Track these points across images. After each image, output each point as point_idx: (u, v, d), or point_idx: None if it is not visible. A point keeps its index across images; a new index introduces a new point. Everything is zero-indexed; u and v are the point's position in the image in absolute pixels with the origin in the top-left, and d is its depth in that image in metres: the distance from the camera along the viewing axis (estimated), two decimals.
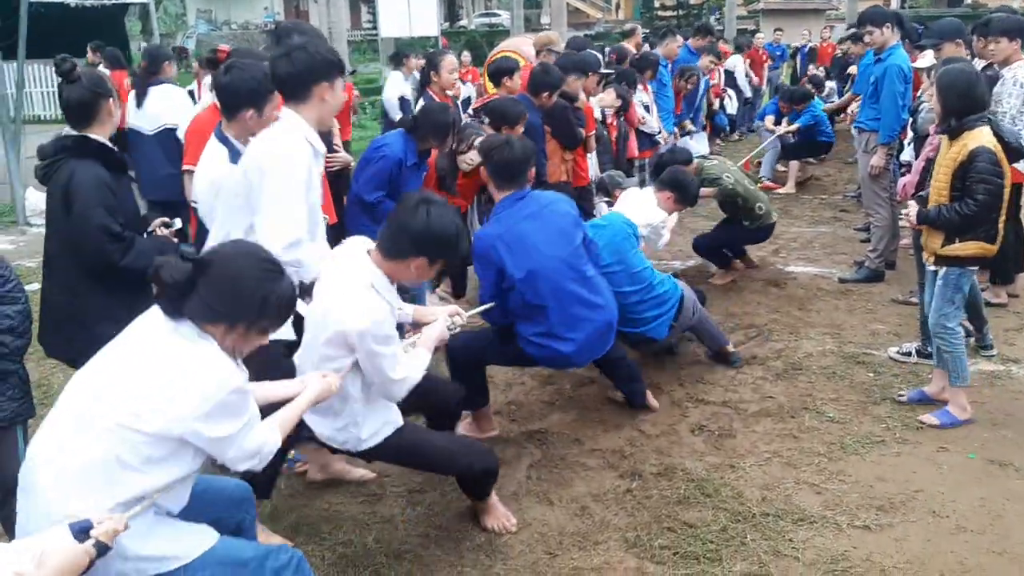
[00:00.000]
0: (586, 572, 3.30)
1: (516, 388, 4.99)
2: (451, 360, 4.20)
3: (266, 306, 2.38)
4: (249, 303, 2.36)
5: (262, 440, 2.47)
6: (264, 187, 3.09)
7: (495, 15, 42.89)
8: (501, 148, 4.09)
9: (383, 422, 3.23)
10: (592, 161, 6.80)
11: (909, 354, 5.11)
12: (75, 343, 3.37)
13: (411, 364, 3.17)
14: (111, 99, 3.50)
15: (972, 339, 5.12)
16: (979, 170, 4.06)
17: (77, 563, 2.02)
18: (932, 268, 4.38)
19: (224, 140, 3.51)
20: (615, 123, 7.60)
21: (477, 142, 5.16)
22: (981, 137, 4.09)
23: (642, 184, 7.31)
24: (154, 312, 2.40)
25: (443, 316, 3.49)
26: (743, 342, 5.51)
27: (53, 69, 3.88)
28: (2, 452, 3.05)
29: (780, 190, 10.15)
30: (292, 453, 3.89)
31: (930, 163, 4.81)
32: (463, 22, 44.89)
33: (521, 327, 4.08)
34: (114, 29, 21.88)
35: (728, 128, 13.43)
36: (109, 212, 3.35)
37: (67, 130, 3.59)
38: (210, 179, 3.45)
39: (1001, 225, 4.21)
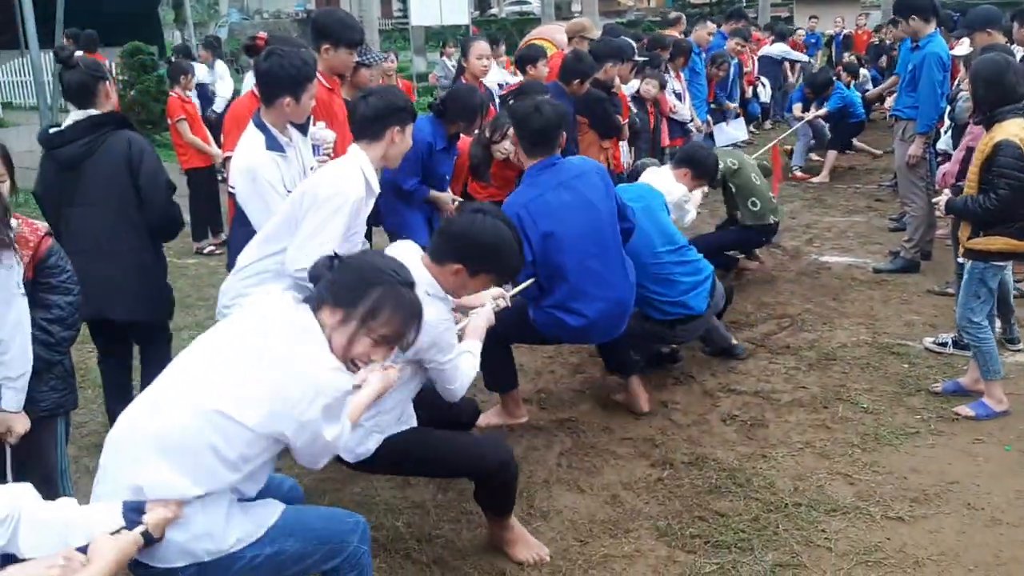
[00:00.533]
0: (616, 560, 3.31)
1: (546, 376, 5.00)
2: None
3: (377, 309, 2.38)
4: (361, 297, 2.37)
5: (339, 436, 2.43)
6: (310, 216, 3.19)
7: (526, 3, 42.67)
8: (531, 113, 4.01)
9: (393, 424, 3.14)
10: (624, 149, 6.77)
11: (945, 344, 5.05)
12: (161, 301, 4.05)
13: (466, 359, 3.17)
14: (107, 81, 3.85)
15: (998, 331, 5.05)
16: (1001, 164, 3.98)
17: (127, 554, 2.04)
18: (960, 260, 4.33)
19: (262, 127, 3.53)
20: (653, 111, 7.57)
21: (511, 131, 5.15)
22: (1008, 130, 4.01)
23: None
24: (277, 294, 2.47)
25: (489, 300, 3.46)
26: (775, 332, 5.47)
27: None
28: (42, 442, 3.08)
29: (814, 180, 10.05)
30: None
31: (970, 152, 4.75)
32: (494, 10, 44.79)
33: (541, 297, 4.03)
34: (148, 18, 22.12)
35: (760, 116, 13.31)
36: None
37: (73, 114, 3.82)
38: (247, 166, 3.48)
39: None
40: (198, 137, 8.02)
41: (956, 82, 6.36)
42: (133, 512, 2.10)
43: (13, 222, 2.97)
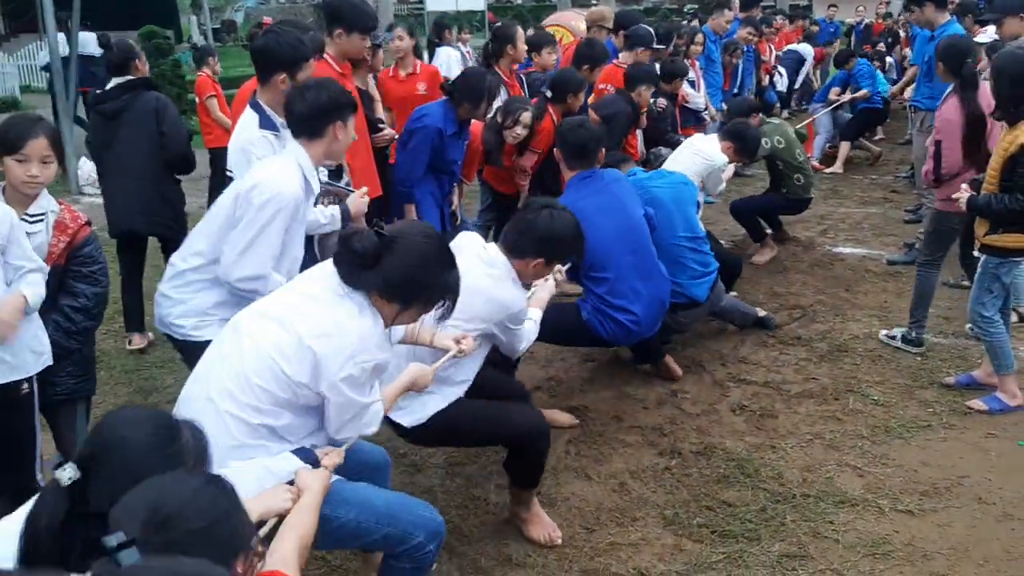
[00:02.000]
0: (623, 548, 3.31)
1: (556, 364, 4.99)
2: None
3: (438, 294, 2.50)
4: (427, 288, 2.47)
5: (375, 414, 2.55)
6: (246, 223, 3.04)
7: None
8: (575, 129, 4.34)
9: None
10: (639, 137, 6.73)
11: (894, 338, 5.07)
12: (176, 222, 5.14)
13: (529, 325, 3.38)
14: (137, 58, 5.32)
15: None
16: None
17: (328, 485, 2.28)
18: (976, 254, 4.28)
19: (256, 106, 3.52)
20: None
21: (524, 117, 5.14)
22: None
23: None
24: (328, 271, 2.48)
25: (551, 275, 3.58)
26: (787, 323, 5.44)
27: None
28: (61, 424, 3.14)
29: (827, 170, 9.96)
30: None
31: (939, 146, 4.70)
32: None
33: (588, 299, 4.24)
34: (165, 2, 22.17)
35: (779, 105, 13.20)
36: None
37: (113, 80, 5.20)
38: (241, 145, 3.47)
39: None
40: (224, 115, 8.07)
41: (977, 70, 6.28)
42: (309, 460, 2.32)
43: (56, 207, 3.00)
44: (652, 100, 6.57)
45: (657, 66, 7.06)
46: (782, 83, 12.72)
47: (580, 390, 4.66)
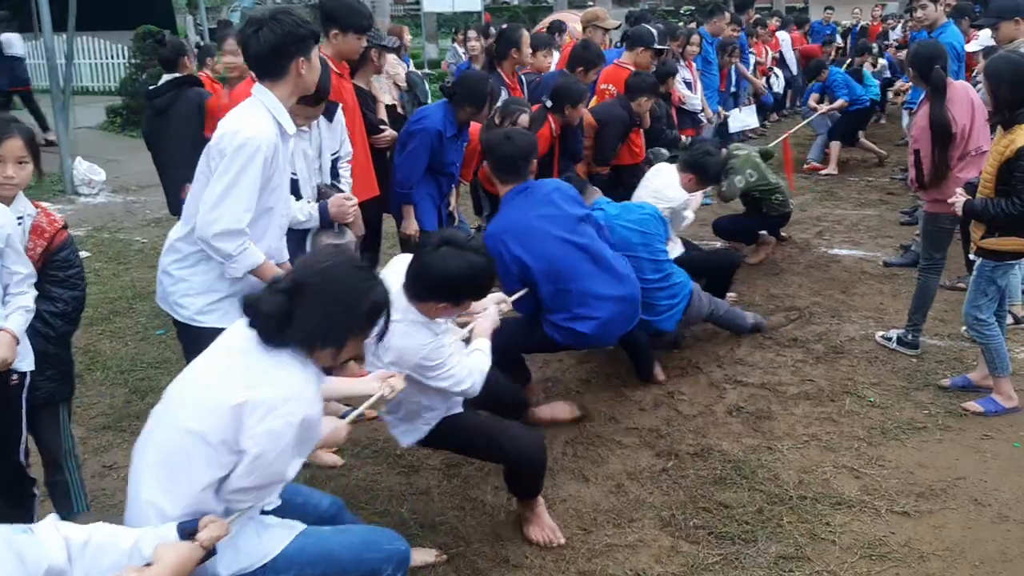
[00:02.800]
0: (620, 549, 3.31)
1: (554, 365, 4.99)
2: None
3: (367, 317, 2.35)
4: (351, 319, 2.31)
5: (279, 486, 2.38)
6: (219, 172, 2.93)
7: None
8: (502, 143, 4.10)
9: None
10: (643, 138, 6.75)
11: (890, 339, 5.07)
12: None
13: (476, 357, 3.23)
14: (185, 56, 5.83)
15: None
16: None
17: (191, 559, 2.05)
18: (972, 257, 4.29)
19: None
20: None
21: (522, 119, 5.14)
22: None
23: None
24: (248, 332, 2.30)
25: (492, 305, 3.52)
26: (783, 324, 5.45)
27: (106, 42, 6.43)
28: (44, 426, 3.14)
29: (823, 171, 9.99)
30: None
31: (916, 153, 4.71)
32: None
33: (547, 314, 4.10)
34: (160, 2, 22.12)
35: (774, 106, 13.23)
36: None
37: (164, 77, 5.77)
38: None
39: None
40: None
41: (972, 74, 6.31)
42: (186, 534, 2.09)
43: (33, 210, 2.98)
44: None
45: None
46: (778, 84, 12.76)
47: (577, 391, 4.66)
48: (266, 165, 2.96)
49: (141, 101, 13.97)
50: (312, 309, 2.25)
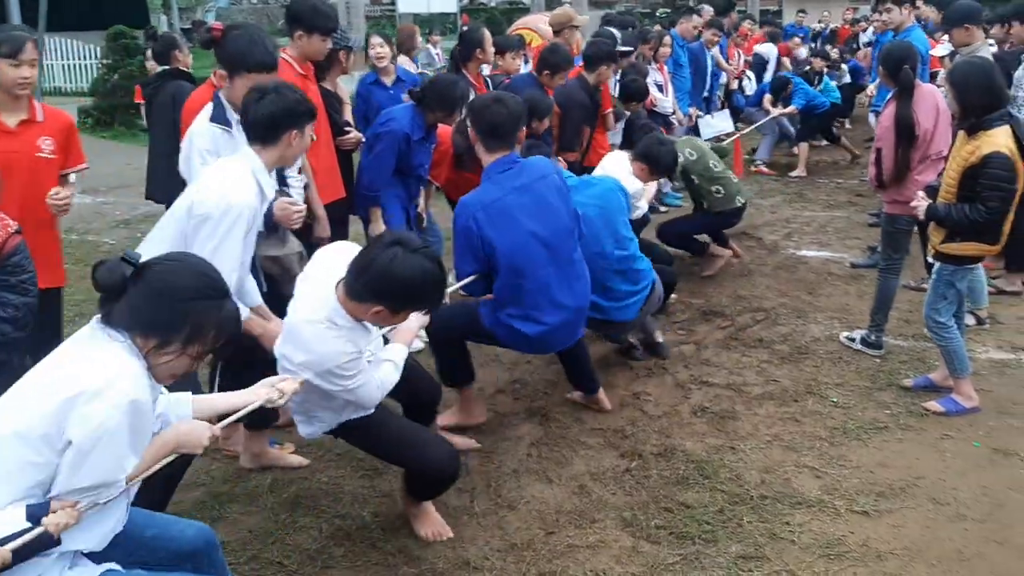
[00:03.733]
0: (581, 550, 3.31)
1: (522, 367, 4.99)
2: (431, 335, 4.08)
3: (199, 330, 2.15)
4: (179, 321, 2.13)
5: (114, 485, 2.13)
6: (203, 236, 3.01)
7: None
8: (491, 106, 3.85)
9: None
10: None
11: (853, 340, 5.10)
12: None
13: (386, 370, 3.10)
14: (177, 49, 6.01)
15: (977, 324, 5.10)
16: (993, 177, 3.92)
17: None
18: (931, 260, 4.34)
19: (216, 99, 3.58)
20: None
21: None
22: (997, 140, 3.93)
23: None
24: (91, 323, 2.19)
25: (418, 314, 3.22)
26: (750, 325, 5.48)
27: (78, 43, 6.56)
28: None
29: (792, 174, 10.06)
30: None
31: (879, 153, 4.77)
32: None
33: (497, 307, 3.93)
34: (135, 2, 21.94)
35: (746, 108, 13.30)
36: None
37: (158, 70, 6.17)
38: (188, 133, 3.55)
39: (1006, 225, 4.08)
40: None
41: (936, 79, 6.39)
42: (33, 518, 1.98)
43: None
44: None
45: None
46: (750, 87, 12.82)
47: (544, 392, 4.67)
48: (247, 229, 3.10)
49: (113, 101, 14.01)
50: (144, 289, 2.13)
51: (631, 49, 7.57)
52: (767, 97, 10.30)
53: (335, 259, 3.00)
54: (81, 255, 7.42)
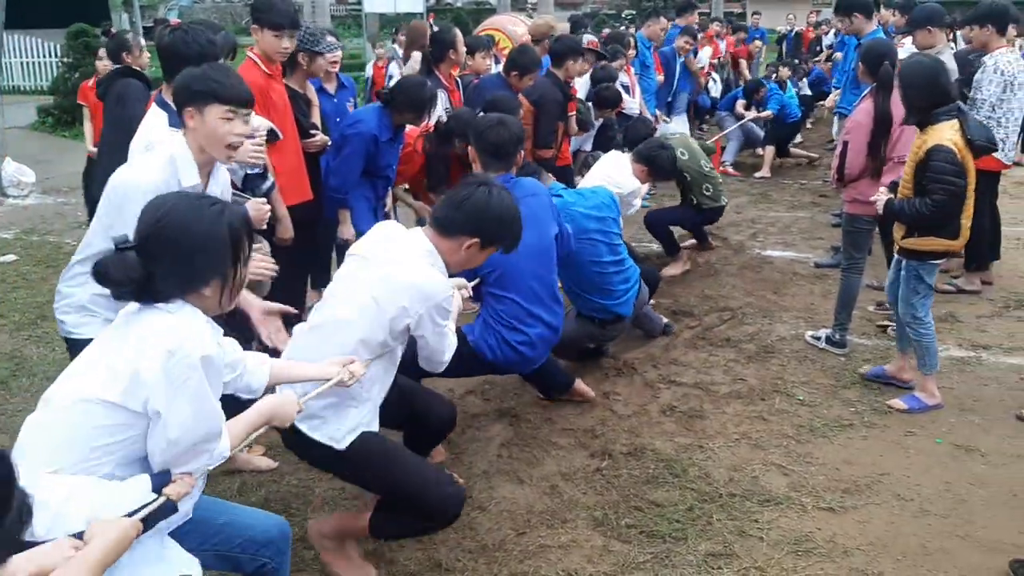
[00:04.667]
0: (553, 550, 3.33)
1: None
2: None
3: (235, 237, 2.14)
4: (220, 249, 2.12)
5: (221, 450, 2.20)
6: (100, 209, 2.92)
7: None
8: (495, 127, 3.99)
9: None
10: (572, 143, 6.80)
11: (819, 339, 5.18)
12: None
13: (453, 336, 3.08)
14: (126, 51, 6.18)
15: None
16: (935, 170, 4.00)
17: (129, 537, 1.92)
18: (897, 256, 4.42)
19: (163, 105, 3.44)
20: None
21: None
22: (942, 134, 4.03)
23: None
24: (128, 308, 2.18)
25: (455, 290, 3.31)
26: (717, 324, 5.53)
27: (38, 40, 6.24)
28: None
29: (757, 175, 10.19)
30: None
31: (845, 147, 4.86)
32: None
33: (475, 323, 3.97)
34: (96, 0, 21.59)
35: (710, 111, 13.41)
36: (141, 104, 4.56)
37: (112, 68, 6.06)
38: (147, 142, 3.34)
39: (966, 220, 4.17)
40: None
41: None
42: (161, 486, 2.05)
43: None
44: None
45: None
46: (716, 89, 12.94)
47: (514, 393, 4.68)
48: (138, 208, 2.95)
49: (74, 100, 13.78)
50: (168, 259, 2.08)
51: (603, 53, 7.63)
52: (741, 102, 10.42)
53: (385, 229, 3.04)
54: (42, 256, 7.31)
